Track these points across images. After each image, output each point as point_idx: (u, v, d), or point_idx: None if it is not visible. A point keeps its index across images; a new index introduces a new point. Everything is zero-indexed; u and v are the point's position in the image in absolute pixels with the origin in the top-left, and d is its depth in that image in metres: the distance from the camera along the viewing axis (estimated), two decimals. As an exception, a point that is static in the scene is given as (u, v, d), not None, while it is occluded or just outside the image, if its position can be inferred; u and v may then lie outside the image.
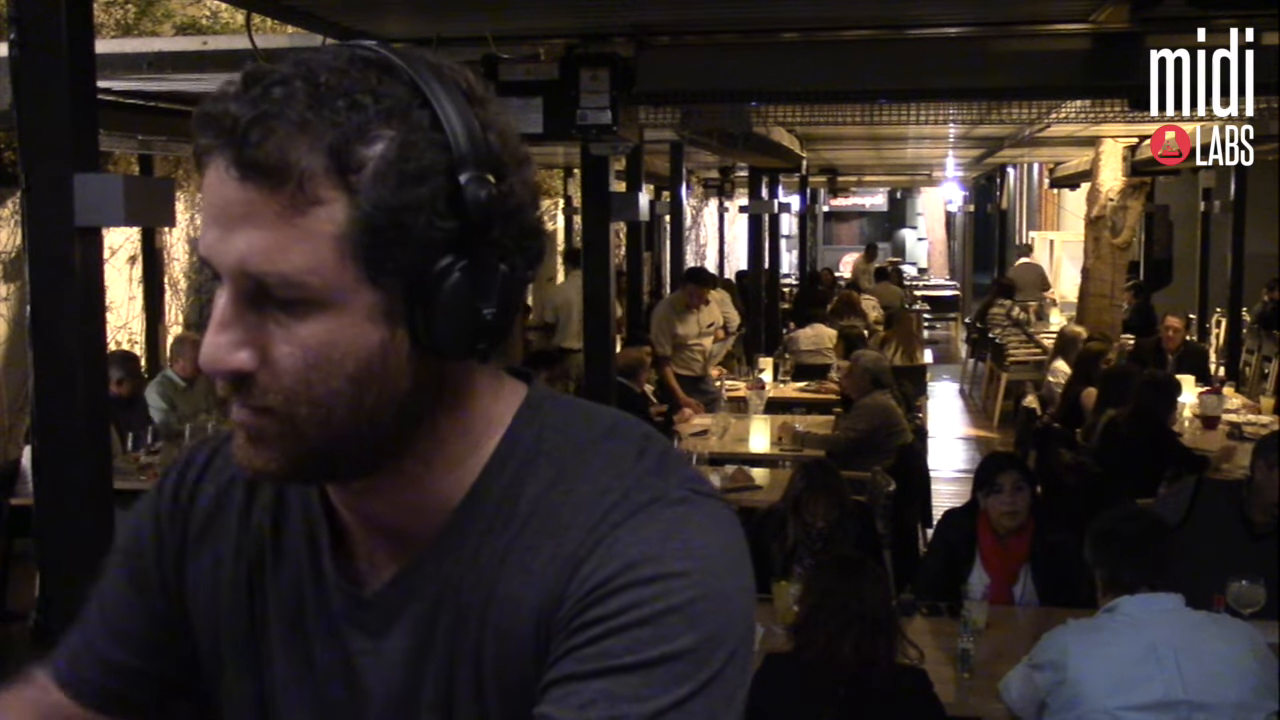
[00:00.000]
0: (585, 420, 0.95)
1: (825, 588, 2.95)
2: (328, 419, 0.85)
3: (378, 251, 0.82)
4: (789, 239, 20.91)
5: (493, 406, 0.94)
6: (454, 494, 0.93)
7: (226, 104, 0.81)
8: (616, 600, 0.84)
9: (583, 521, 0.88)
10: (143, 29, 8.90)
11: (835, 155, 14.71)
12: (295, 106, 0.80)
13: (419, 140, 0.81)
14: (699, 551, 0.87)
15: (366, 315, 0.83)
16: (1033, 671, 2.91)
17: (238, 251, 0.82)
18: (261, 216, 0.81)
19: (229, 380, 0.85)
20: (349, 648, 0.96)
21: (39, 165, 2.58)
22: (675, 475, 0.92)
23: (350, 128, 0.80)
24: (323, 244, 0.81)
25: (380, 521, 0.96)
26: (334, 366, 0.84)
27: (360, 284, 0.82)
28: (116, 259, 8.39)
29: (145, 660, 1.06)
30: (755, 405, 7.69)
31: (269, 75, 0.82)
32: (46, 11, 2.54)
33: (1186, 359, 8.61)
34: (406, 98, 0.82)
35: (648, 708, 0.82)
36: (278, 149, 0.80)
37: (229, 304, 0.84)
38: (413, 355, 0.85)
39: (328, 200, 0.81)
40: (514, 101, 4.51)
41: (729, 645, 0.86)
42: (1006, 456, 4.73)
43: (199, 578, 1.03)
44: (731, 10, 4.61)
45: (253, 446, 0.87)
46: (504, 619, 0.90)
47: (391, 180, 0.81)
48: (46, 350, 2.62)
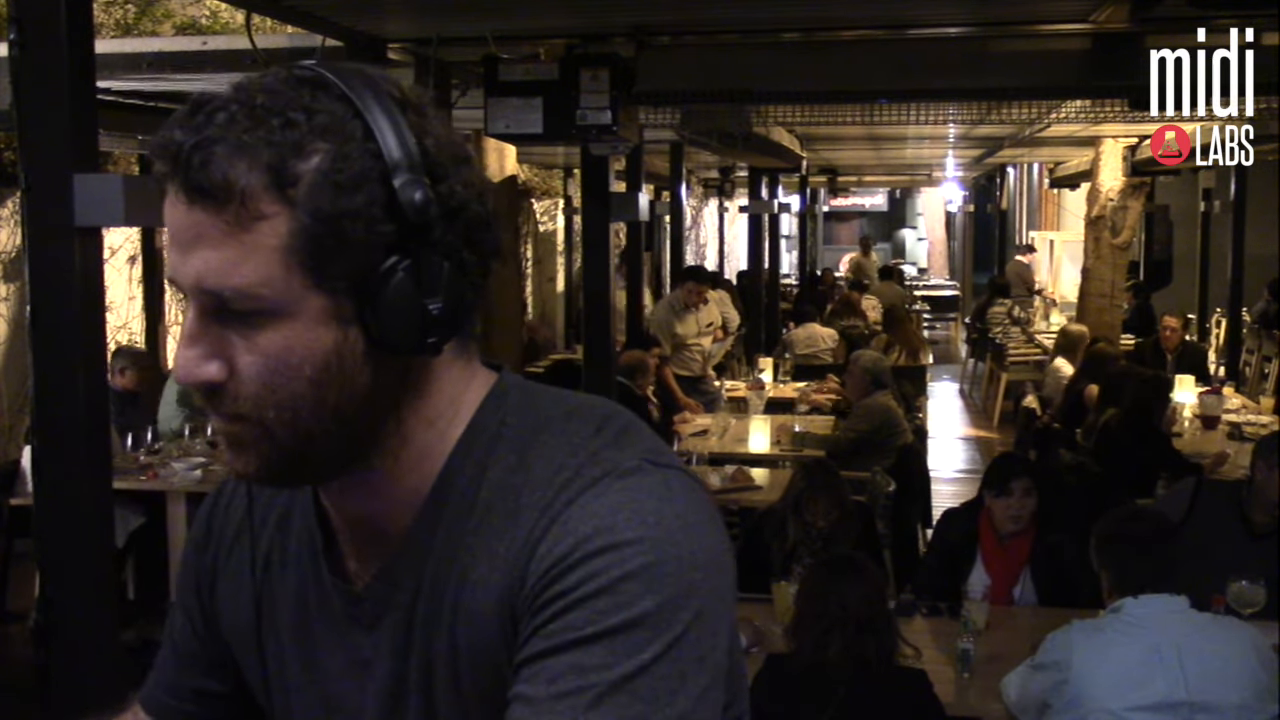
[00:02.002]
0: (547, 404, 0.99)
1: (810, 590, 2.95)
2: (295, 420, 0.90)
3: (321, 259, 0.87)
4: (789, 239, 20.92)
5: (461, 397, 0.98)
6: (424, 485, 0.97)
7: (172, 132, 0.88)
8: (573, 575, 0.87)
9: (537, 501, 0.92)
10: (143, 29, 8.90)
11: (835, 155, 14.71)
12: (233, 129, 0.85)
13: (352, 151, 0.86)
14: (651, 518, 0.89)
15: (318, 320, 0.88)
16: (1034, 672, 2.91)
17: (194, 271, 0.87)
18: (211, 236, 0.86)
19: (202, 391, 0.90)
20: (350, 644, 1.01)
21: (39, 165, 2.58)
22: (631, 448, 0.94)
23: (285, 144, 0.85)
24: (269, 256, 0.86)
25: (362, 518, 1.00)
26: (294, 370, 0.89)
27: (308, 291, 0.87)
28: (116, 259, 8.39)
29: (213, 682, 1.14)
30: (755, 405, 7.69)
31: (210, 102, 0.87)
32: (46, 11, 2.54)
33: (1186, 359, 8.61)
34: (340, 112, 0.87)
35: (614, 674, 0.85)
36: (219, 171, 0.85)
37: (194, 320, 0.89)
38: (369, 353, 0.90)
39: (270, 215, 0.86)
40: (514, 101, 4.51)
41: (691, 606, 0.88)
42: (1019, 460, 4.72)
43: (226, 597, 1.10)
44: (731, 10, 4.61)
45: (233, 452, 0.93)
46: (474, 603, 0.93)
47: (327, 191, 0.86)
48: (46, 350, 2.62)
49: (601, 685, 0.85)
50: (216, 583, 1.11)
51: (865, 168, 18.22)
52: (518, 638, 0.90)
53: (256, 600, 1.06)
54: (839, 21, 4.87)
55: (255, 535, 1.07)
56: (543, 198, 15.03)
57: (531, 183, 14.04)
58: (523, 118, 4.50)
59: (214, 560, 1.11)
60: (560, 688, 0.85)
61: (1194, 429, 6.99)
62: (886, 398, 6.47)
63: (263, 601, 1.06)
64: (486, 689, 0.93)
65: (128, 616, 5.02)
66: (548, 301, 15.31)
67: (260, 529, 1.08)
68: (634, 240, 8.54)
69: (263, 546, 1.07)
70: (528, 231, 14.25)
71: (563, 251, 15.25)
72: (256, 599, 1.06)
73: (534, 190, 14.36)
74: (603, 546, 0.88)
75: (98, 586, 2.68)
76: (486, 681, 0.93)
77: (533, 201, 14.53)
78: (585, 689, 0.85)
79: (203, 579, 1.12)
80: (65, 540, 2.67)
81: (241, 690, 1.12)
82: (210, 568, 1.11)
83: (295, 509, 1.06)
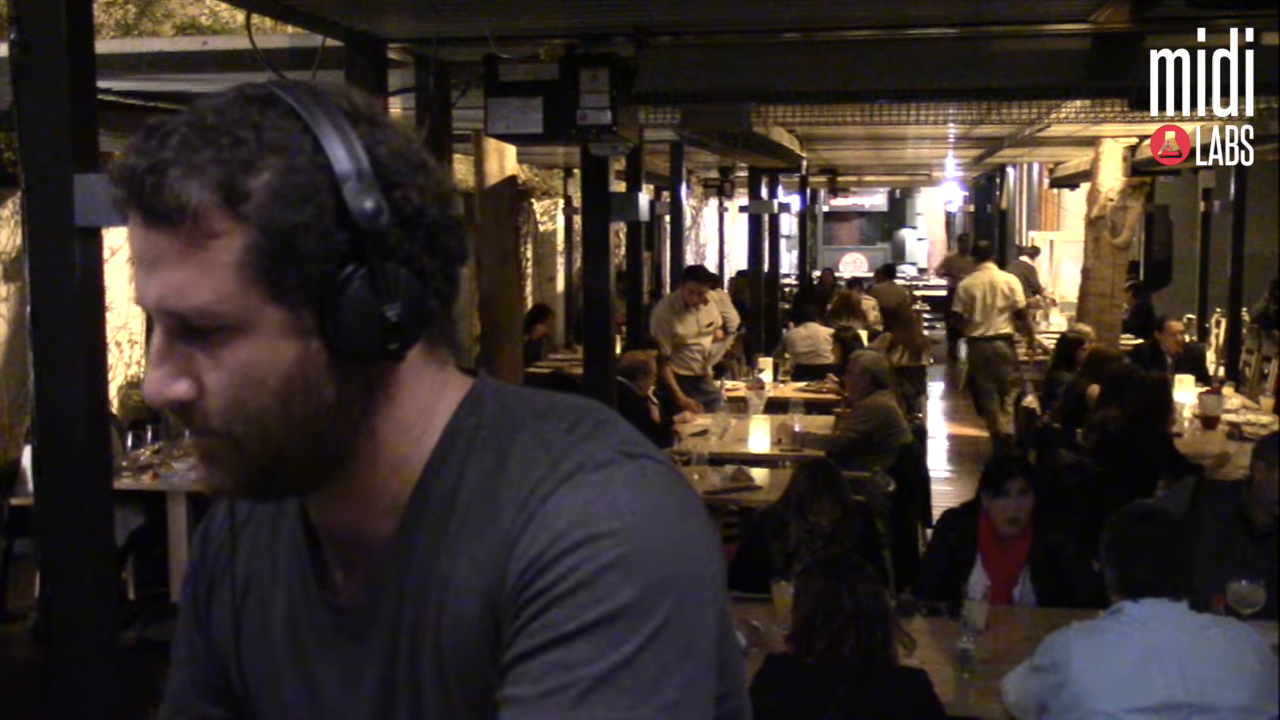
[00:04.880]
0: (522, 404, 0.99)
1: (819, 590, 2.95)
2: (264, 434, 0.91)
3: (276, 273, 0.88)
4: (789, 239, 20.90)
5: (435, 403, 0.98)
6: (403, 492, 0.97)
7: (129, 158, 0.88)
8: (551, 572, 0.88)
9: (513, 499, 0.92)
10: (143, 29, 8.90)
11: (835, 155, 14.70)
12: (184, 151, 0.87)
13: (302, 164, 0.87)
14: (625, 509, 0.89)
15: (278, 333, 0.89)
16: (1033, 674, 2.91)
17: (156, 292, 0.89)
18: (168, 257, 0.88)
19: (175, 409, 0.91)
20: (341, 655, 1.01)
21: (39, 165, 2.58)
22: (604, 440, 0.94)
23: (234, 162, 0.87)
24: (225, 274, 0.87)
25: (344, 528, 1.00)
26: (258, 385, 0.90)
27: (266, 305, 0.88)
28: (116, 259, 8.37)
29: (219, 706, 1.13)
30: (755, 405, 7.69)
31: (163, 126, 0.88)
32: (46, 11, 2.54)
33: (1185, 359, 8.60)
34: (289, 127, 0.88)
35: (598, 668, 0.85)
36: (171, 193, 0.86)
37: (161, 340, 0.91)
38: (332, 363, 0.91)
39: (223, 232, 0.87)
40: (514, 101, 4.51)
41: (672, 595, 0.88)
42: (1014, 461, 4.72)
43: (220, 618, 1.11)
44: (731, 10, 4.60)
45: (207, 467, 0.94)
46: (458, 607, 0.93)
47: (278, 205, 0.87)
48: (46, 350, 2.62)
49: (586, 681, 0.85)
50: (212, 604, 1.12)
51: (865, 168, 18.21)
52: (501, 639, 0.90)
53: (236, 620, 1.07)
54: (839, 21, 4.86)
55: (233, 555, 1.08)
56: (543, 198, 15.03)
57: (531, 183, 14.04)
58: (523, 118, 4.50)
59: (210, 581, 1.12)
60: (546, 686, 0.86)
61: (1194, 429, 6.98)
62: (887, 397, 6.47)
63: (252, 619, 1.06)
64: (474, 692, 0.93)
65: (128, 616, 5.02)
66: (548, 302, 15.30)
67: (249, 546, 1.08)
68: (634, 240, 8.54)
69: (250, 564, 1.07)
70: (528, 231, 14.25)
71: (563, 251, 15.24)
72: (235, 619, 1.07)
73: (534, 190, 14.35)
74: (578, 541, 0.88)
75: (98, 586, 2.68)
76: (473, 685, 0.93)
77: (533, 201, 14.53)
78: (570, 685, 0.85)
79: (200, 604, 1.13)
80: (65, 540, 2.67)
81: (246, 714, 1.12)
82: (206, 589, 1.12)
83: (284, 524, 1.06)
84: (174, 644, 1.16)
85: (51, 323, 2.61)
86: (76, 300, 2.61)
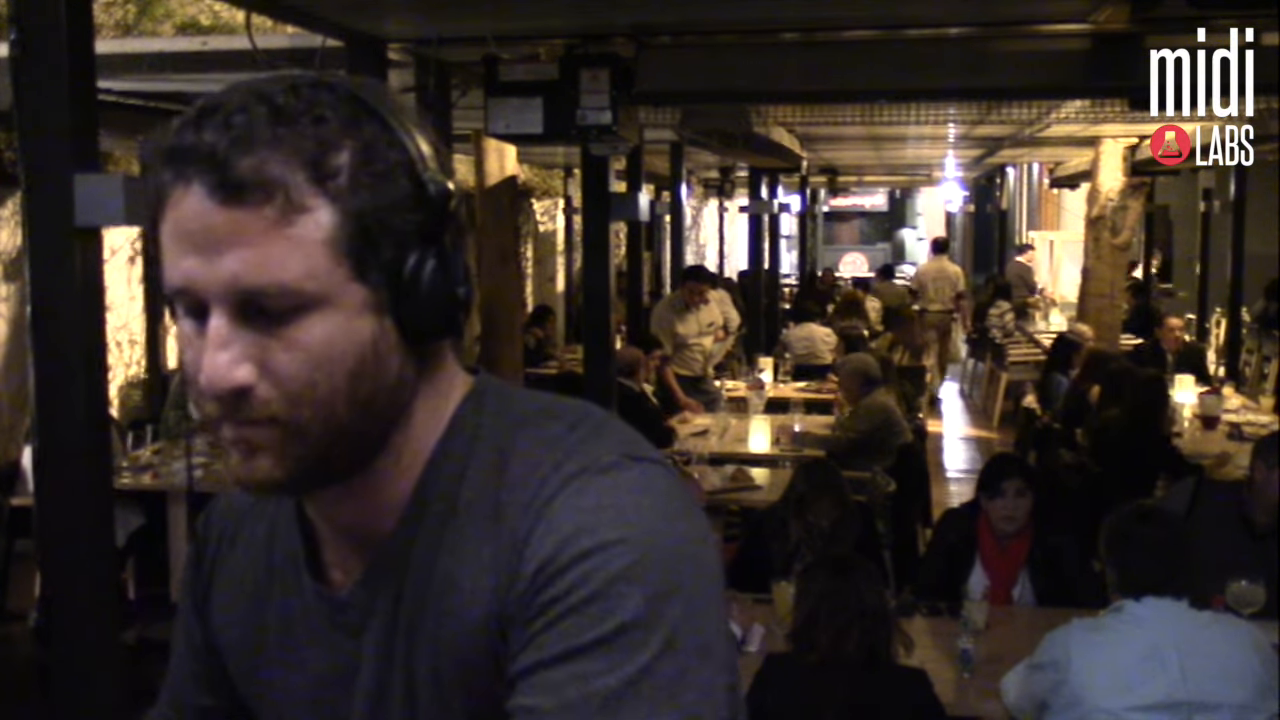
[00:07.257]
0: (523, 403, 0.99)
1: (823, 589, 2.95)
2: (330, 417, 0.90)
3: (363, 249, 0.88)
4: (789, 239, 20.90)
5: (446, 399, 0.98)
6: (409, 487, 0.97)
7: (196, 135, 0.86)
8: (561, 581, 0.87)
9: (518, 500, 0.92)
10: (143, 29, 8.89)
11: (835, 155, 14.70)
12: (267, 127, 0.86)
13: (380, 145, 0.89)
14: (632, 515, 0.89)
15: (359, 311, 0.89)
16: (1033, 672, 2.91)
17: (229, 271, 0.86)
18: (250, 234, 0.86)
19: (230, 398, 0.88)
20: (337, 651, 1.01)
21: (39, 165, 2.59)
22: (607, 442, 0.94)
23: (320, 139, 0.87)
24: (315, 249, 0.87)
25: (349, 523, 0.99)
26: (335, 365, 0.89)
27: (350, 282, 0.88)
28: (116, 259, 8.38)
29: (215, 698, 1.14)
30: (755, 405, 7.69)
31: (226, 105, 0.87)
32: (46, 11, 2.55)
33: (1185, 359, 8.61)
34: (354, 112, 0.89)
35: (617, 679, 0.85)
36: (260, 168, 0.85)
37: (224, 324, 0.88)
38: (398, 344, 0.92)
39: (312, 208, 0.86)
40: (514, 101, 4.51)
41: (682, 598, 0.88)
42: (1011, 460, 4.72)
43: (219, 613, 1.10)
44: (731, 10, 4.60)
45: (252, 460, 0.91)
46: (460, 609, 0.93)
47: (364, 183, 0.87)
48: (46, 350, 2.62)
49: (605, 692, 0.85)
50: (211, 598, 1.11)
51: (865, 168, 18.20)
52: (508, 645, 0.90)
53: (232, 612, 1.07)
54: (839, 21, 4.87)
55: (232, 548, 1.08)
56: (543, 198, 15.03)
57: (531, 183, 14.03)
58: (523, 118, 4.51)
59: (209, 576, 1.12)
60: (565, 698, 0.85)
61: (1194, 429, 6.98)
62: (886, 396, 6.46)
63: (249, 612, 1.06)
64: (471, 694, 0.93)
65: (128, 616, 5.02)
66: (548, 301, 15.30)
67: (247, 539, 1.08)
68: (634, 240, 8.54)
69: (247, 557, 1.08)
70: (528, 231, 14.25)
71: (563, 251, 15.25)
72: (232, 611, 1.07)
73: (534, 190, 14.34)
74: (588, 549, 0.87)
75: (98, 586, 2.68)
76: (471, 686, 0.93)
77: (533, 201, 14.52)
78: (590, 696, 0.85)
79: (199, 596, 1.13)
80: (65, 540, 2.67)
81: (241, 707, 1.12)
82: (206, 584, 1.12)
83: (280, 520, 1.06)
84: (173, 634, 1.16)
85: (51, 323, 2.61)
86: (76, 300, 2.61)
